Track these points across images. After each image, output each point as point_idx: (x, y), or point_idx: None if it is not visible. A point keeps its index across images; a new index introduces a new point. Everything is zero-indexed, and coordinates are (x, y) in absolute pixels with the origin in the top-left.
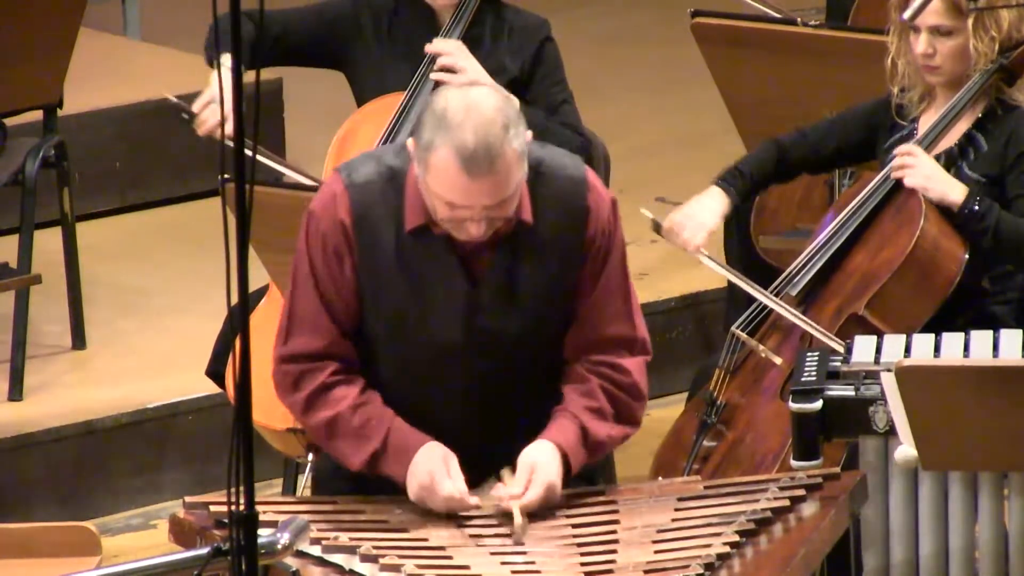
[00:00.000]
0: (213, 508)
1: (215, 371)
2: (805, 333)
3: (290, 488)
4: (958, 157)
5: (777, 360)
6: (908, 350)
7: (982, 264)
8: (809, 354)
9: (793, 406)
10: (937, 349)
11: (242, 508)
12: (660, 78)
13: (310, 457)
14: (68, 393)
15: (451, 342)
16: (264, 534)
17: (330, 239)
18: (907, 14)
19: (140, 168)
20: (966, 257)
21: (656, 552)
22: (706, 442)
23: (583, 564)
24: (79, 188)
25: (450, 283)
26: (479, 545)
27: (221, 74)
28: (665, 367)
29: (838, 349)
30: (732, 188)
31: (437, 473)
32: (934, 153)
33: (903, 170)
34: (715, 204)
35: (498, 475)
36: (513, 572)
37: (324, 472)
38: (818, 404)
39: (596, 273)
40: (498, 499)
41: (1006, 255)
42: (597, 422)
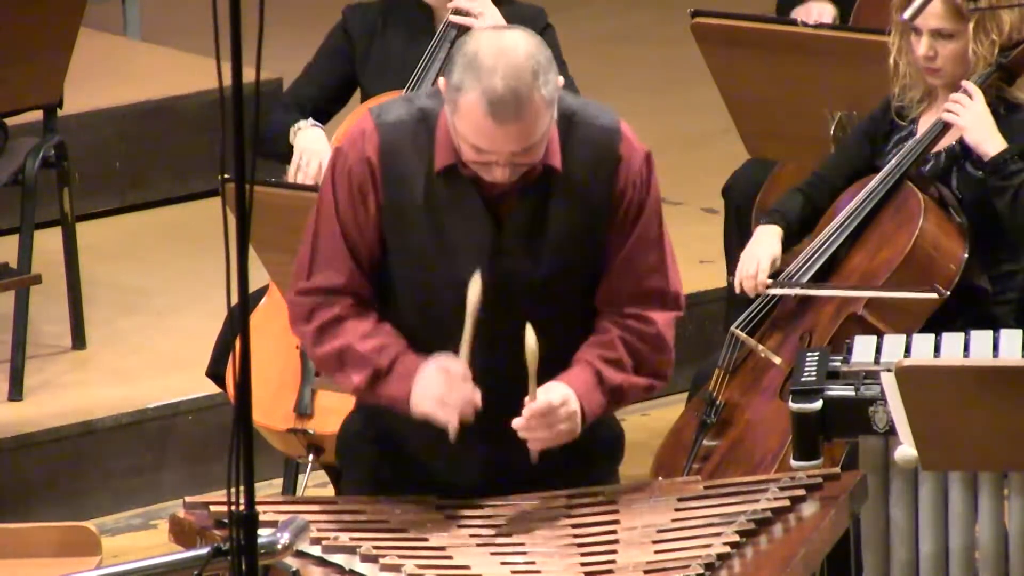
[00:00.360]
0: (213, 508)
1: (215, 372)
2: (804, 333)
3: (290, 488)
4: (960, 155)
5: (776, 360)
6: (908, 350)
7: (981, 263)
8: (809, 354)
9: (793, 406)
10: (937, 349)
11: (242, 508)
12: (660, 78)
13: (310, 457)
14: (68, 393)
15: None
16: (264, 534)
17: (355, 176)
18: (907, 14)
19: (140, 168)
20: (965, 256)
21: (656, 552)
22: (706, 441)
23: (583, 564)
24: (79, 188)
25: (474, 225)
26: (479, 545)
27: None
28: None
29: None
30: (776, 219)
31: (453, 369)
32: (935, 151)
33: (955, 106)
34: (766, 237)
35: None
36: (513, 572)
37: (348, 433)
38: (818, 404)
39: (630, 225)
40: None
41: (1017, 227)
42: (612, 370)
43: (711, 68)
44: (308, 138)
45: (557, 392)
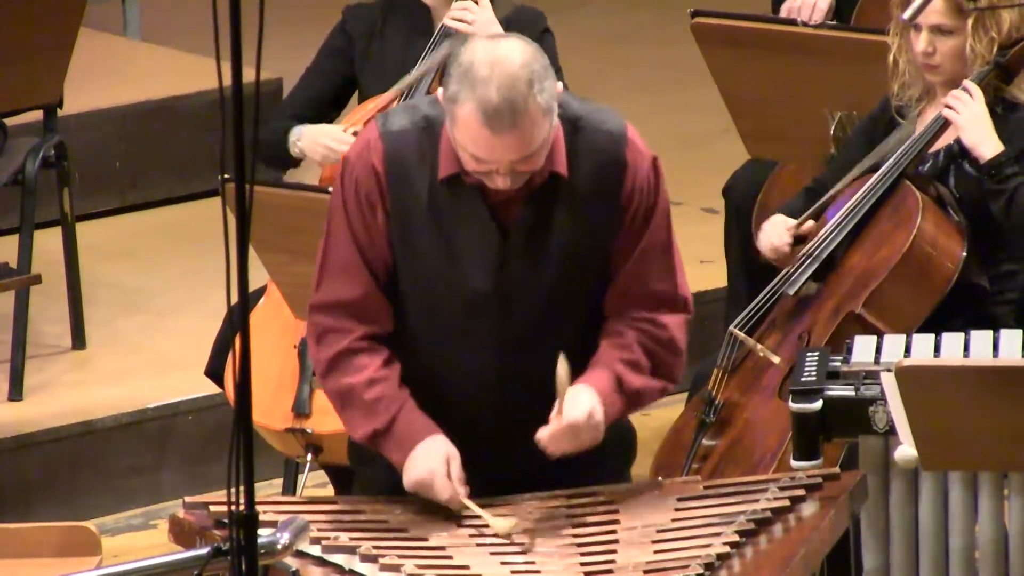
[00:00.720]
0: (213, 508)
1: (213, 370)
2: (803, 332)
3: (290, 488)
4: (958, 155)
5: (775, 359)
6: (908, 350)
7: (980, 262)
8: (809, 354)
9: (793, 406)
10: (937, 349)
11: (242, 508)
12: (660, 78)
13: (309, 457)
14: (68, 393)
15: (480, 291)
16: (264, 534)
17: (363, 186)
18: (907, 14)
19: (140, 168)
20: (964, 255)
21: (656, 552)
22: (705, 441)
23: (583, 564)
24: (79, 188)
25: (481, 232)
26: (479, 545)
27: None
28: None
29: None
30: (789, 208)
31: (437, 474)
32: (933, 150)
33: (955, 102)
34: (780, 218)
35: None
36: (513, 572)
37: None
38: (818, 404)
39: (638, 231)
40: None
41: (1013, 229)
42: (632, 373)
43: (711, 68)
44: (315, 131)
45: (583, 407)
